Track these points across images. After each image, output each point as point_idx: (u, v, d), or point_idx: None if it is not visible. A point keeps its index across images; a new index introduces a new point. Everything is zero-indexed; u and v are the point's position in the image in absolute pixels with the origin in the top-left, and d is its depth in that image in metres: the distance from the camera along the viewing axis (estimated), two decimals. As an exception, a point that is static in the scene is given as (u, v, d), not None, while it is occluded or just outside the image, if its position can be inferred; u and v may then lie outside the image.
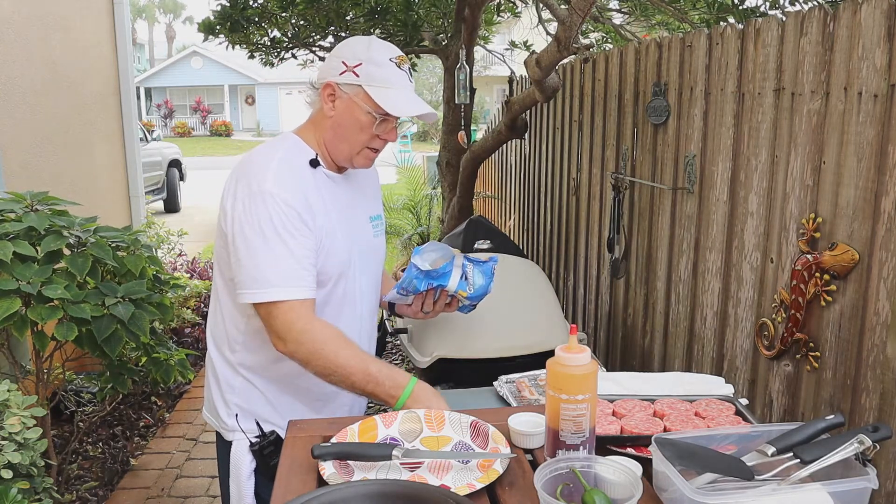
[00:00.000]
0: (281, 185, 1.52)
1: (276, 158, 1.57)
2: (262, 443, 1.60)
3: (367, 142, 1.60)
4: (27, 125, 3.75)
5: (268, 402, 1.68)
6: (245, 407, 1.67)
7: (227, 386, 1.69)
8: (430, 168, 9.34)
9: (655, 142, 2.70)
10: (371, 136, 1.60)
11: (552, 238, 4.14)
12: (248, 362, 1.66)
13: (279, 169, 1.55)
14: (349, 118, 1.59)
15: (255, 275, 1.50)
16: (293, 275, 1.50)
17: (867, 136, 1.69)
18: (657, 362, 2.77)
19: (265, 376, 1.67)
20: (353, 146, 1.61)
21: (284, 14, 4.35)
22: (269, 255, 1.49)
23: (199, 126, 32.25)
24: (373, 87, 1.55)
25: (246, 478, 1.64)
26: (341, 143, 1.62)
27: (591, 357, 1.26)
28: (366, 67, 1.56)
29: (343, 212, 1.66)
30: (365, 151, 1.62)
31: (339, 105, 1.59)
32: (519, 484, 1.25)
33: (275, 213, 1.50)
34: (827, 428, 1.22)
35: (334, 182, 1.66)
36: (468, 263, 1.79)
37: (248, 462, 1.64)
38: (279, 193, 1.50)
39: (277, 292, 1.49)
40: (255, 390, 1.67)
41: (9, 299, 2.33)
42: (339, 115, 1.60)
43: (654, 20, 4.64)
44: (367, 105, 1.56)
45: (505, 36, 6.02)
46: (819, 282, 1.84)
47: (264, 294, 1.50)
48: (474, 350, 2.32)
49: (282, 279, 1.49)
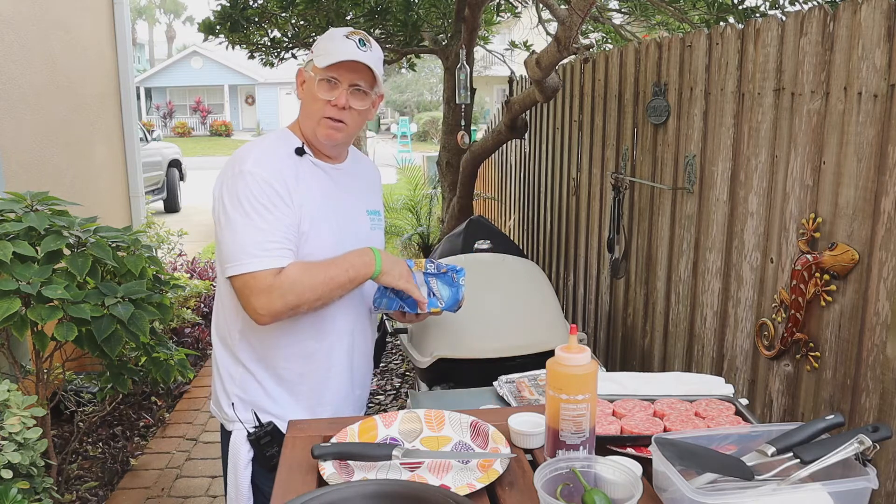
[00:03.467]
0: (259, 165, 1.59)
1: (261, 146, 1.66)
2: (258, 433, 1.64)
3: (321, 111, 1.65)
4: (27, 125, 3.75)
5: (266, 393, 1.71)
6: (243, 397, 1.71)
7: (227, 376, 1.73)
8: (430, 168, 9.34)
9: (655, 142, 2.70)
10: (322, 102, 1.64)
11: (552, 238, 4.14)
12: (248, 353, 1.70)
13: (261, 153, 1.63)
14: (307, 93, 1.68)
15: (233, 248, 1.56)
16: (271, 245, 1.56)
17: (867, 136, 1.69)
18: (657, 362, 2.77)
19: (263, 368, 1.70)
20: (311, 118, 1.67)
21: (284, 14, 4.35)
22: (247, 228, 1.56)
23: (199, 126, 32.23)
24: (318, 56, 1.64)
25: (243, 467, 1.67)
26: (305, 119, 1.69)
27: (591, 357, 1.26)
28: (318, 44, 1.67)
29: (332, 200, 1.70)
30: (323, 122, 1.66)
31: (305, 87, 1.69)
32: (519, 484, 1.25)
33: (254, 189, 1.56)
34: (827, 428, 1.22)
35: (324, 171, 1.71)
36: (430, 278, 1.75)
37: (245, 451, 1.67)
38: (257, 172, 1.57)
39: (255, 263, 1.54)
40: (254, 381, 1.70)
41: (9, 299, 2.32)
42: (304, 94, 1.69)
43: (654, 20, 4.65)
44: (314, 73, 1.65)
45: (505, 36, 6.02)
46: (819, 282, 1.84)
47: (243, 265, 1.55)
48: (474, 350, 2.32)
49: (260, 250, 1.55)
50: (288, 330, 1.66)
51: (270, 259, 1.55)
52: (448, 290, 1.75)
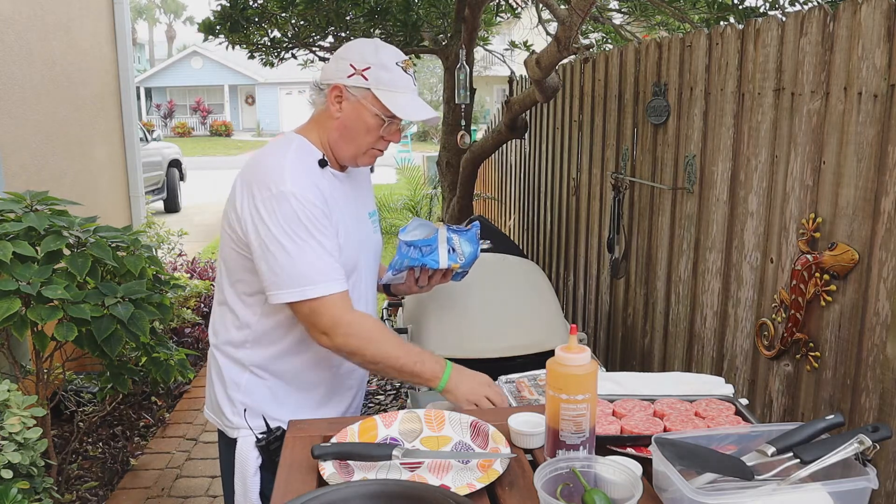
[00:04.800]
0: (299, 185, 1.55)
1: (289, 159, 1.59)
2: (268, 438, 1.61)
3: (373, 143, 1.65)
4: (27, 125, 3.75)
5: (274, 397, 1.69)
6: (251, 404, 1.68)
7: (231, 384, 1.70)
8: (430, 168, 9.34)
9: (655, 142, 2.70)
10: (377, 137, 1.64)
11: (552, 238, 4.14)
12: (257, 359, 1.68)
13: (293, 169, 1.57)
14: (357, 120, 1.62)
15: (292, 273, 1.53)
16: (330, 269, 1.55)
17: (867, 136, 1.69)
18: (657, 362, 2.77)
19: (273, 372, 1.69)
20: (359, 147, 1.65)
21: (284, 14, 4.35)
22: (304, 253, 1.53)
23: (199, 126, 32.23)
24: (381, 91, 1.59)
25: (252, 474, 1.65)
26: (347, 143, 1.65)
27: (591, 357, 1.26)
28: (374, 71, 1.60)
29: (349, 209, 1.69)
30: (371, 152, 1.67)
31: (347, 107, 1.62)
32: (519, 484, 1.25)
33: (301, 212, 1.53)
34: (827, 428, 1.22)
35: (340, 181, 1.70)
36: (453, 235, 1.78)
37: (254, 458, 1.65)
38: (300, 192, 1.53)
39: (320, 289, 1.53)
40: (263, 386, 1.69)
41: (9, 299, 2.33)
42: (347, 117, 1.63)
43: (654, 20, 4.64)
44: (375, 108, 1.60)
45: (505, 36, 6.02)
46: (819, 282, 1.84)
47: (306, 292, 1.53)
48: (474, 350, 2.32)
49: (321, 276, 1.53)
50: (303, 337, 1.65)
51: (332, 284, 1.54)
52: (470, 246, 1.79)
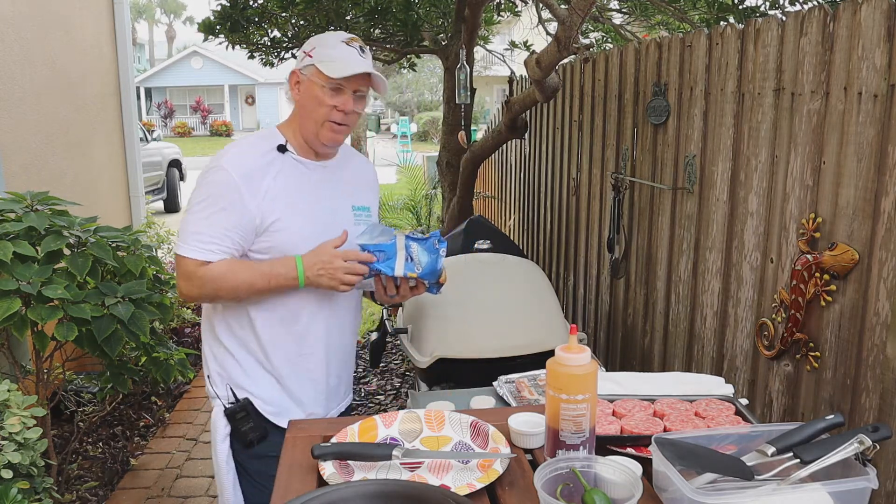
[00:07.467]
0: (232, 163, 1.69)
1: (242, 143, 1.77)
2: (234, 408, 1.75)
3: (326, 115, 1.73)
4: (27, 125, 3.75)
5: (243, 371, 1.79)
6: (221, 374, 1.80)
7: (210, 355, 1.83)
8: (430, 168, 9.34)
9: (655, 142, 2.70)
10: (328, 107, 1.72)
11: (552, 238, 4.14)
12: (226, 332, 1.80)
13: (239, 150, 1.73)
14: (308, 96, 1.74)
15: (181, 230, 1.70)
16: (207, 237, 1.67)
17: (867, 136, 1.69)
18: (657, 362, 2.77)
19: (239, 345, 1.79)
20: (315, 121, 1.74)
21: (284, 14, 4.35)
22: (196, 214, 1.68)
23: (199, 126, 32.21)
24: (323, 63, 1.71)
25: (220, 441, 1.78)
26: (306, 120, 1.76)
27: (591, 357, 1.26)
28: (318, 50, 1.74)
29: (311, 197, 1.77)
30: (327, 125, 1.74)
31: (302, 88, 1.76)
32: (519, 484, 1.25)
33: (216, 181, 1.68)
34: (827, 428, 1.22)
35: (306, 168, 1.79)
36: (411, 243, 1.74)
37: (222, 426, 1.78)
38: (229, 169, 1.67)
39: (186, 249, 1.67)
40: (232, 359, 1.79)
41: (9, 299, 2.33)
42: (302, 96, 1.76)
43: (654, 20, 4.64)
44: (319, 80, 1.71)
45: (505, 36, 6.02)
46: (819, 282, 1.84)
47: (179, 247, 1.69)
48: (474, 350, 2.32)
49: (194, 239, 1.67)
50: (262, 310, 1.75)
51: (201, 251, 1.66)
52: (427, 256, 1.74)
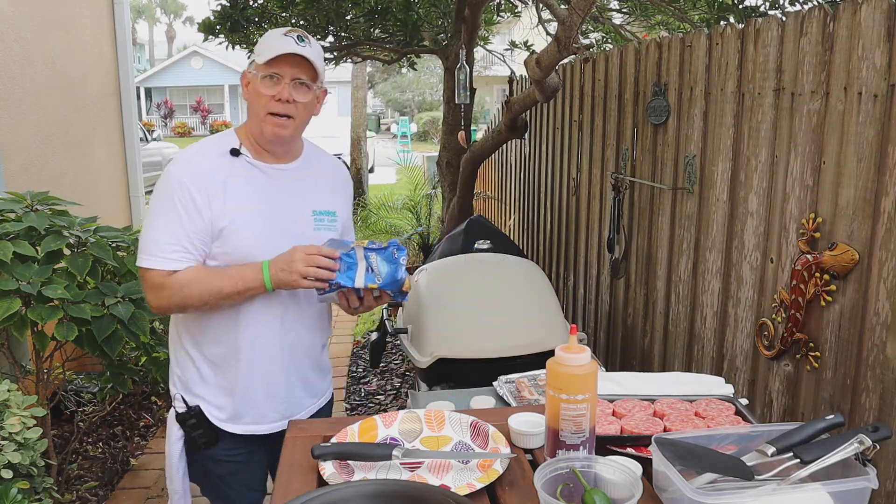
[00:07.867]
0: (182, 167, 1.66)
1: (194, 147, 1.73)
2: (185, 415, 1.77)
3: (265, 106, 1.67)
4: (27, 125, 3.75)
5: (200, 375, 1.78)
6: (180, 378, 1.81)
7: (173, 358, 1.83)
8: (430, 168, 9.34)
9: (655, 142, 2.70)
10: (267, 98, 1.66)
11: (552, 238, 4.14)
12: (186, 337, 1.79)
13: (190, 155, 1.70)
14: (252, 92, 1.70)
15: (142, 241, 1.67)
16: (167, 246, 1.63)
17: (867, 136, 1.69)
18: (657, 362, 2.77)
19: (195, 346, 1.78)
20: (258, 116, 1.68)
21: (284, 14, 4.35)
22: (153, 225, 1.66)
23: (199, 126, 32.20)
24: (259, 55, 1.67)
25: (174, 441, 1.81)
26: (252, 118, 1.71)
27: (591, 357, 1.26)
28: (259, 45, 1.70)
29: (266, 201, 1.72)
30: (268, 118, 1.67)
31: (249, 87, 1.71)
32: (519, 484, 1.25)
33: (168, 190, 1.64)
34: (827, 428, 1.22)
35: (261, 171, 1.73)
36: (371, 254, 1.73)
37: (175, 430, 1.80)
38: (178, 174, 1.64)
39: (150, 261, 1.64)
40: (190, 363, 1.79)
41: (9, 299, 2.32)
42: (248, 95, 1.72)
43: (654, 20, 4.64)
44: (256, 71, 1.67)
45: (505, 36, 6.02)
46: (819, 282, 1.84)
47: (142, 259, 1.66)
48: (474, 350, 2.32)
49: (156, 249, 1.64)
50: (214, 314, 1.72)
51: (164, 261, 1.63)
52: (387, 266, 1.73)
